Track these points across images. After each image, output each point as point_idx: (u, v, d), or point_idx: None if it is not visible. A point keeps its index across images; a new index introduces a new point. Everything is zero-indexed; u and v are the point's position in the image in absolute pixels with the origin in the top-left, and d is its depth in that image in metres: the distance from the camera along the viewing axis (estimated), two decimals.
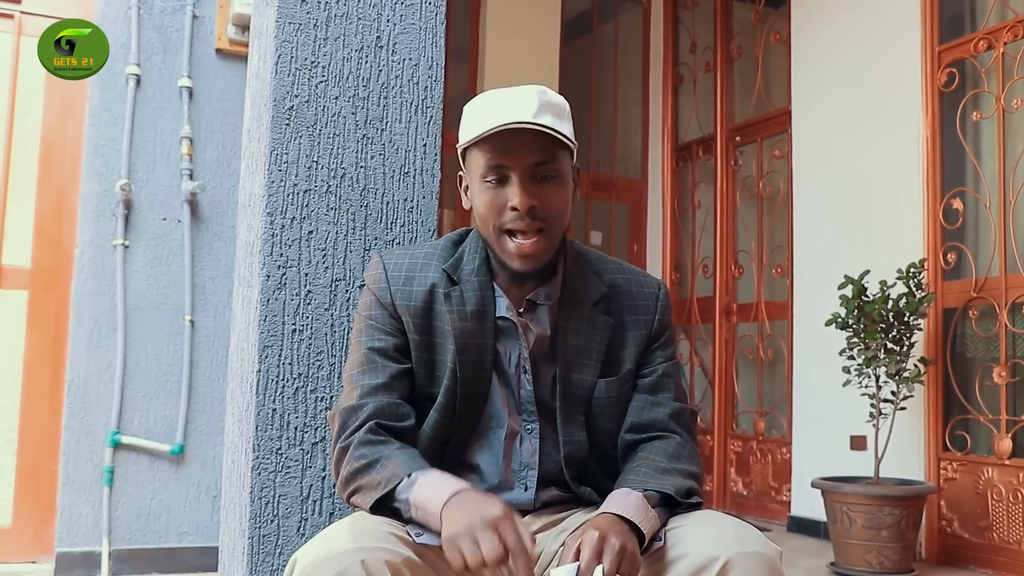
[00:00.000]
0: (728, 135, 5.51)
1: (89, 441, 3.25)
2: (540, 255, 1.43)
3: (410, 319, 1.47)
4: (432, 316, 1.47)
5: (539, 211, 1.40)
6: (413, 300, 1.47)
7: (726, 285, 5.44)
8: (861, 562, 3.59)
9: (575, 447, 1.47)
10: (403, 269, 1.50)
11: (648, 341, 1.54)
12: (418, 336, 1.47)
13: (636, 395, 1.52)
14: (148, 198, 3.38)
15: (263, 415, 1.73)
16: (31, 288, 3.40)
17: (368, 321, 1.49)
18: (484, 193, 1.42)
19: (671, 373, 1.55)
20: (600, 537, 1.22)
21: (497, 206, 1.41)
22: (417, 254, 1.52)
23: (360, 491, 1.35)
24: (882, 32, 4.35)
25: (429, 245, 1.56)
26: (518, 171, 1.39)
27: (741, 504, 5.18)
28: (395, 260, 1.51)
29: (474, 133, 1.41)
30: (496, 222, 1.42)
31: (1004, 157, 3.83)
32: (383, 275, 1.49)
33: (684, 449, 1.47)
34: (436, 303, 1.47)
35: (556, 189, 1.42)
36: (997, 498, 3.70)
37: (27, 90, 3.42)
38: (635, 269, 1.63)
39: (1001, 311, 3.75)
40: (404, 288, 1.48)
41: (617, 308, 1.53)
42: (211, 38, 3.49)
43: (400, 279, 1.49)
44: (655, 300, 1.56)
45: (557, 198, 1.43)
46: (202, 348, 3.41)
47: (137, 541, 3.28)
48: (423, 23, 1.93)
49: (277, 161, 1.79)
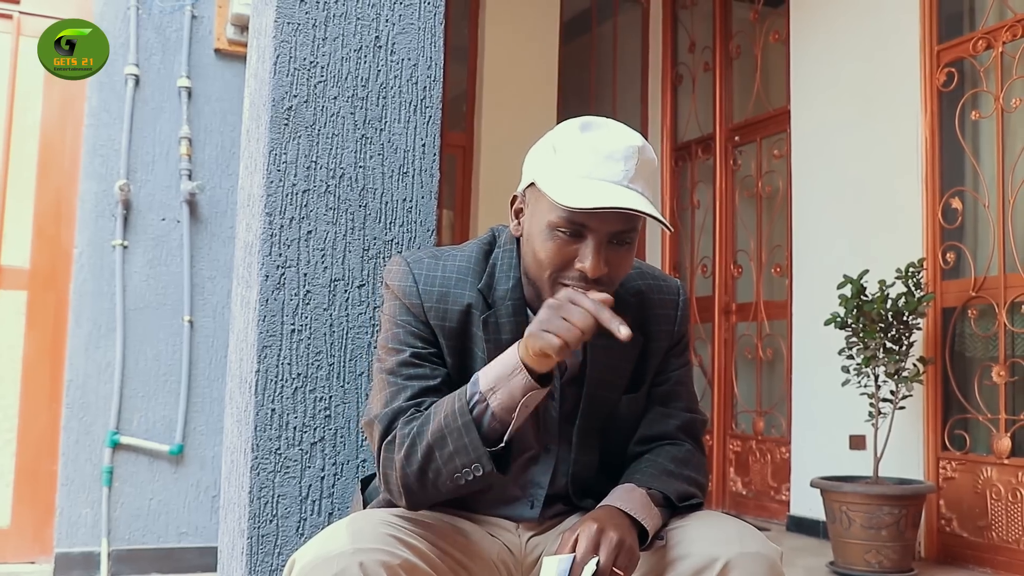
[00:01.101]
0: (727, 135, 5.51)
1: (88, 441, 3.25)
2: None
3: (444, 340, 1.41)
4: (467, 338, 1.41)
5: (605, 277, 1.33)
6: (448, 321, 1.40)
7: (725, 285, 5.44)
8: (860, 561, 3.59)
9: (583, 467, 1.45)
10: (436, 284, 1.41)
11: (667, 353, 1.51)
12: (451, 359, 1.41)
13: (649, 406, 1.49)
14: (147, 198, 3.38)
15: (262, 415, 1.73)
16: (30, 288, 3.39)
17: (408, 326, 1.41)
18: (550, 240, 1.31)
19: (684, 380, 1.53)
20: (598, 529, 1.22)
21: (563, 259, 1.32)
22: (449, 267, 1.43)
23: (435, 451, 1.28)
24: (881, 32, 4.35)
25: (459, 256, 1.46)
26: (598, 235, 1.30)
27: (740, 504, 5.18)
28: (426, 272, 1.42)
29: (558, 183, 1.30)
30: (556, 274, 1.33)
31: (1003, 156, 3.83)
32: (414, 290, 1.41)
33: (693, 457, 1.46)
34: (472, 325, 1.41)
35: (627, 253, 1.35)
36: (996, 497, 3.70)
37: (26, 90, 3.42)
38: (655, 272, 1.57)
39: (1000, 310, 3.76)
40: (438, 306, 1.40)
41: (643, 323, 1.48)
42: (210, 38, 3.49)
43: (434, 295, 1.41)
44: (675, 308, 1.52)
45: (626, 262, 1.36)
46: (201, 348, 3.41)
47: (136, 541, 3.28)
48: (422, 23, 1.93)
49: (276, 161, 1.79)
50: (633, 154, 1.30)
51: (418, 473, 1.30)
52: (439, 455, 1.28)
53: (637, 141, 1.32)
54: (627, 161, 1.29)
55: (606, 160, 1.29)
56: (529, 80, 5.61)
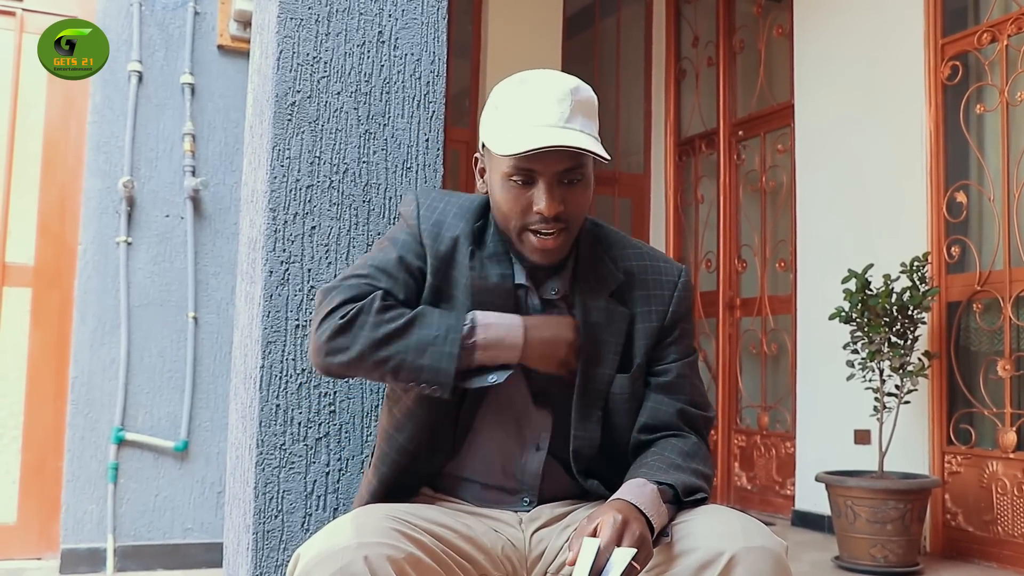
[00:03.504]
0: (731, 129, 5.50)
1: (93, 438, 3.26)
2: (560, 250, 1.42)
3: (432, 260, 1.46)
4: (452, 265, 1.46)
5: (563, 214, 1.39)
6: (439, 243, 1.46)
7: (729, 280, 5.44)
8: (865, 556, 3.58)
9: (583, 442, 1.45)
10: (435, 213, 1.49)
11: (660, 335, 1.50)
12: (432, 279, 1.46)
13: (650, 394, 1.49)
14: (151, 195, 3.38)
15: (267, 411, 1.73)
16: (35, 285, 3.40)
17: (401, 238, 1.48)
18: (507, 191, 1.40)
19: (686, 373, 1.51)
20: (623, 521, 1.22)
21: (521, 206, 1.39)
22: (452, 202, 1.51)
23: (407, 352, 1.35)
24: (885, 25, 4.33)
25: (464, 199, 1.53)
26: (546, 177, 1.38)
27: (745, 498, 5.18)
28: (430, 202, 1.50)
29: (504, 138, 1.38)
30: (519, 221, 1.40)
31: (1008, 150, 3.82)
32: (415, 212, 1.49)
33: (700, 450, 1.45)
34: (459, 254, 1.46)
35: (581, 191, 1.41)
36: (1001, 492, 3.70)
37: (29, 87, 3.42)
38: (656, 253, 1.58)
39: (1005, 304, 3.75)
40: (433, 230, 1.47)
41: (631, 298, 1.50)
42: (213, 34, 3.49)
43: (431, 220, 1.48)
44: (671, 289, 1.52)
45: (582, 199, 1.42)
46: (205, 344, 3.41)
47: (142, 537, 3.28)
48: (425, 18, 1.93)
49: (279, 157, 1.79)
50: (566, 95, 1.38)
51: (372, 361, 1.36)
52: (408, 361, 1.35)
53: (571, 83, 1.41)
54: (560, 103, 1.37)
55: (541, 105, 1.38)
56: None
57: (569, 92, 1.39)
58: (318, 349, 1.38)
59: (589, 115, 1.41)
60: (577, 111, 1.38)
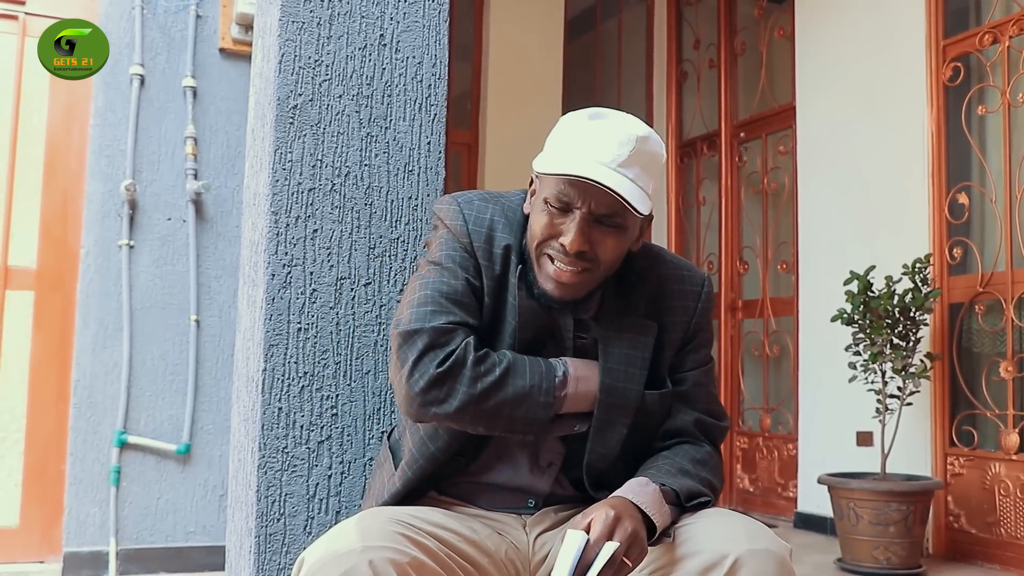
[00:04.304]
0: (732, 131, 5.50)
1: (96, 441, 3.26)
2: (575, 289, 1.39)
3: (487, 281, 1.44)
4: (505, 286, 1.44)
5: (588, 254, 1.36)
6: (492, 262, 1.44)
7: (731, 281, 5.43)
8: (868, 558, 3.58)
9: (598, 458, 1.44)
10: (484, 226, 1.45)
11: (681, 344, 1.49)
12: (489, 300, 1.44)
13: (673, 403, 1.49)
14: (153, 198, 3.38)
15: (269, 414, 1.73)
16: (37, 289, 3.40)
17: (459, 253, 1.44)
18: (543, 215, 1.37)
19: (703, 381, 1.51)
20: (615, 517, 1.22)
21: (549, 232, 1.37)
22: (496, 211, 1.47)
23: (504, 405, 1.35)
24: (886, 27, 4.33)
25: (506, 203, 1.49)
26: (581, 212, 1.35)
27: (747, 501, 5.17)
28: (476, 213, 1.46)
29: (554, 159, 1.36)
30: (541, 245, 1.39)
31: (1010, 151, 3.82)
32: (464, 227, 1.44)
33: (711, 460, 1.45)
34: (509, 274, 1.43)
35: (614, 237, 1.38)
36: (1004, 493, 3.69)
37: (32, 91, 3.43)
38: (679, 262, 1.57)
39: (1007, 306, 3.74)
40: (485, 247, 1.44)
41: (658, 310, 1.48)
42: (214, 38, 3.49)
43: (482, 236, 1.44)
44: (695, 300, 1.51)
45: (612, 245, 1.38)
46: (208, 347, 3.41)
47: (144, 541, 3.29)
48: (426, 21, 1.93)
49: (281, 160, 1.79)
50: (630, 140, 1.33)
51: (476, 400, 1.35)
52: (506, 409, 1.36)
53: (641, 131, 1.35)
54: (622, 146, 1.33)
55: (602, 142, 1.33)
56: (534, 78, 5.61)
57: (635, 139, 1.34)
58: (411, 399, 1.36)
59: (649, 168, 1.36)
60: (636, 160, 1.34)
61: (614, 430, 1.44)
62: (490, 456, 1.47)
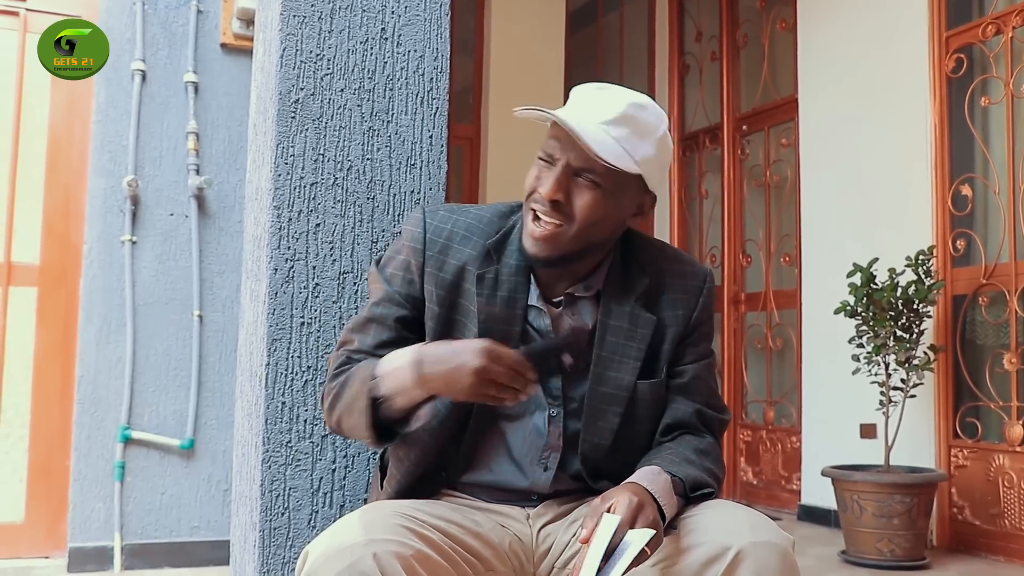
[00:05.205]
0: (735, 124, 5.49)
1: (100, 436, 3.26)
2: (549, 243, 1.38)
3: (435, 289, 1.45)
4: (459, 293, 1.45)
5: (563, 207, 1.37)
6: (443, 272, 1.45)
7: (734, 274, 5.43)
8: (872, 550, 3.58)
9: (591, 448, 1.45)
10: (442, 236, 1.47)
11: (682, 336, 1.49)
12: (438, 308, 1.45)
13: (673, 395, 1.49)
14: (155, 194, 3.38)
15: (272, 408, 1.74)
16: (40, 285, 3.40)
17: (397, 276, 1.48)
18: (533, 168, 1.42)
19: (703, 375, 1.51)
20: (639, 504, 1.23)
21: (535, 184, 1.40)
22: (460, 223, 1.49)
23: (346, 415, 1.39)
24: (889, 18, 4.32)
25: (474, 214, 1.51)
26: (561, 163, 1.37)
27: (751, 493, 5.17)
28: (437, 223, 1.48)
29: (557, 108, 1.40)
30: (529, 200, 1.41)
31: (1013, 143, 3.81)
32: (421, 235, 1.47)
33: (714, 450, 1.46)
34: (466, 282, 1.44)
35: (590, 193, 1.37)
36: (1008, 485, 3.69)
37: (33, 87, 3.43)
38: (681, 255, 1.58)
39: (1011, 297, 3.74)
40: (439, 256, 1.46)
41: (658, 303, 1.48)
42: (216, 33, 3.49)
43: (437, 245, 1.46)
44: (697, 294, 1.51)
45: (588, 201, 1.37)
46: (211, 343, 3.41)
47: (149, 536, 3.29)
48: (428, 14, 1.93)
49: (283, 155, 1.79)
50: (621, 102, 1.36)
51: (336, 426, 1.45)
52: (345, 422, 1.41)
53: (639, 99, 1.38)
54: (612, 105, 1.35)
55: (593, 101, 1.37)
56: (536, 71, 5.60)
57: (628, 102, 1.36)
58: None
59: (640, 133, 1.37)
60: (625, 122, 1.35)
61: (605, 419, 1.44)
62: (484, 461, 1.47)
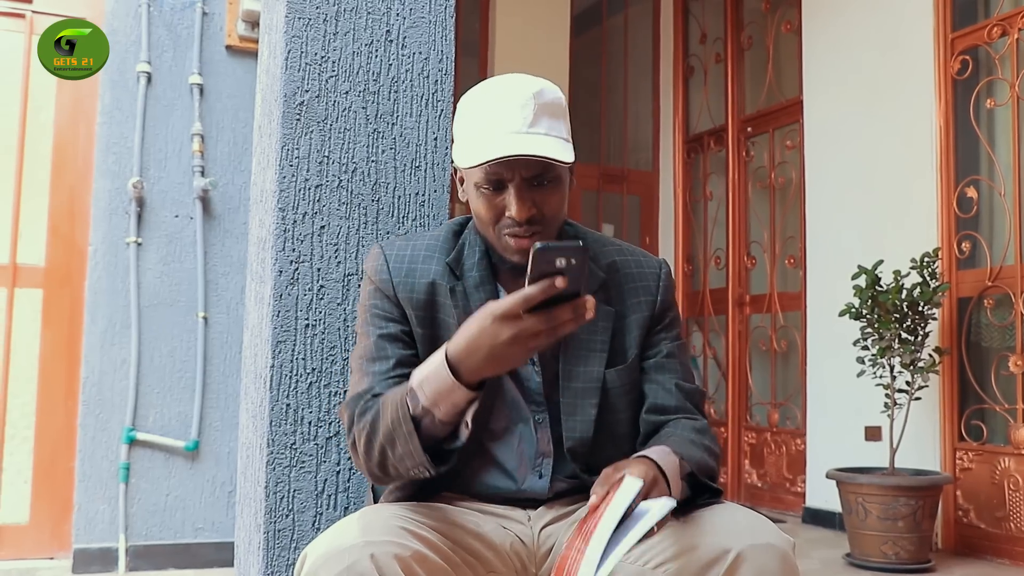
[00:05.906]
0: (739, 126, 5.49)
1: (105, 438, 3.27)
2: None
3: (412, 311, 1.46)
4: (435, 309, 1.46)
5: (536, 217, 1.39)
6: (415, 292, 1.46)
7: (739, 276, 5.42)
8: (877, 553, 3.57)
9: (576, 443, 1.46)
10: (404, 261, 1.49)
11: (651, 323, 1.52)
12: (421, 329, 1.46)
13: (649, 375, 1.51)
14: (160, 195, 3.39)
15: (277, 410, 1.74)
16: (45, 286, 3.41)
17: (373, 310, 1.48)
18: (481, 199, 1.40)
19: (676, 353, 1.54)
20: (654, 478, 1.24)
21: (495, 212, 1.40)
22: (418, 245, 1.51)
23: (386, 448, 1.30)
24: (894, 20, 4.32)
25: (429, 236, 1.55)
26: (515, 182, 1.37)
27: (755, 496, 5.16)
28: (396, 251, 1.50)
29: (469, 150, 1.37)
30: (494, 226, 1.41)
31: (1018, 144, 3.80)
32: (384, 266, 1.48)
33: (709, 429, 1.49)
34: (439, 296, 1.46)
35: (553, 193, 1.40)
36: (1014, 488, 3.68)
37: (39, 89, 3.44)
38: (634, 249, 1.61)
39: (1017, 300, 3.73)
40: (406, 280, 1.47)
41: (617, 294, 1.52)
42: (221, 35, 3.50)
43: (402, 271, 1.48)
44: (656, 280, 1.55)
45: (554, 200, 1.41)
46: (215, 344, 3.42)
47: (153, 537, 3.30)
48: (432, 17, 1.93)
49: (288, 157, 1.79)
50: (528, 100, 1.37)
51: (379, 467, 1.34)
52: (392, 454, 1.30)
53: (534, 86, 1.39)
54: (523, 108, 1.36)
55: (504, 111, 1.36)
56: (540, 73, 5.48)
57: (532, 96, 1.37)
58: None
59: (555, 115, 1.40)
60: (542, 113, 1.37)
61: (583, 412, 1.46)
62: (479, 471, 1.48)
